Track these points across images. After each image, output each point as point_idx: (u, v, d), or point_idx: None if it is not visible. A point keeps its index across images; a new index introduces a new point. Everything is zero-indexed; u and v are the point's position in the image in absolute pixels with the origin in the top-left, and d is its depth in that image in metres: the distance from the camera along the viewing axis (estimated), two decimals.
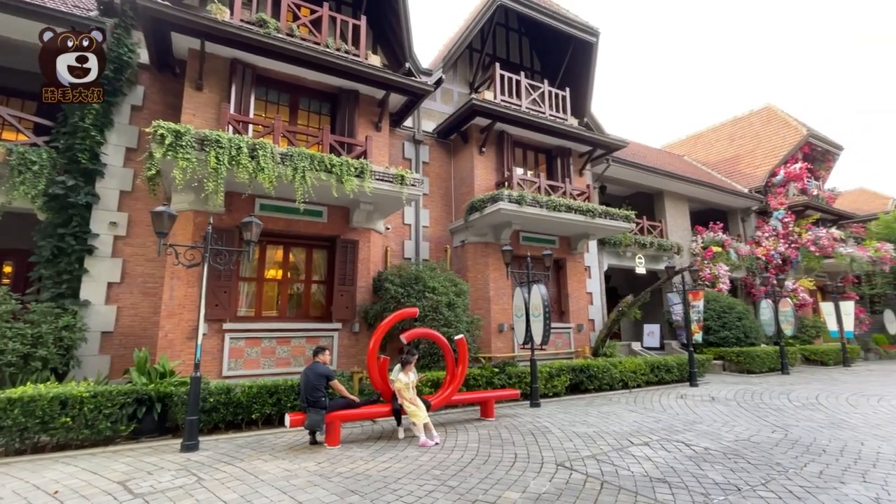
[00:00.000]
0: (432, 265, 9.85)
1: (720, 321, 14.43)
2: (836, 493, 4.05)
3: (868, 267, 19.48)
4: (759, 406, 8.33)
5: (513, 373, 8.82)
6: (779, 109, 22.48)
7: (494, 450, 5.47)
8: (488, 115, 11.21)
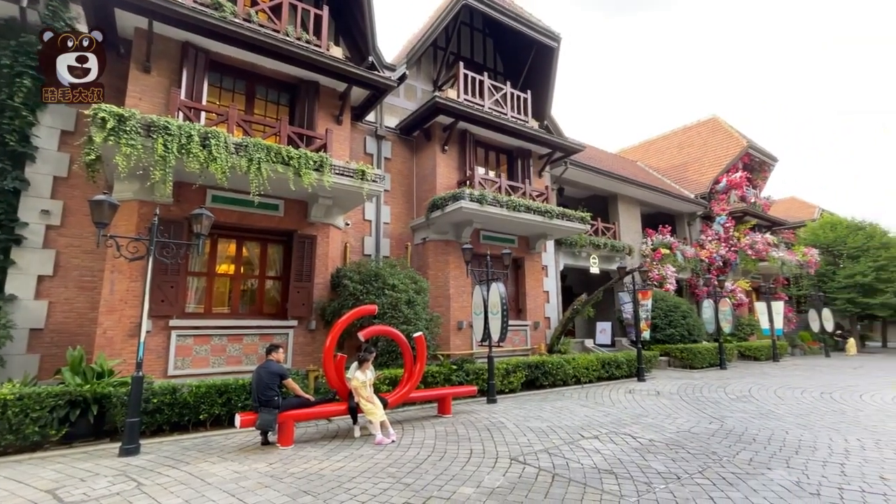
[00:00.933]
0: (393, 262, 9.79)
1: (666, 319, 15.24)
2: (763, 479, 4.39)
3: (796, 270, 21.17)
4: (699, 399, 8.87)
5: (471, 370, 8.92)
6: (723, 121, 23.98)
7: (451, 446, 5.53)
8: (451, 114, 11.25)
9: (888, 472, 4.57)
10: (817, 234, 24.36)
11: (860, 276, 21.96)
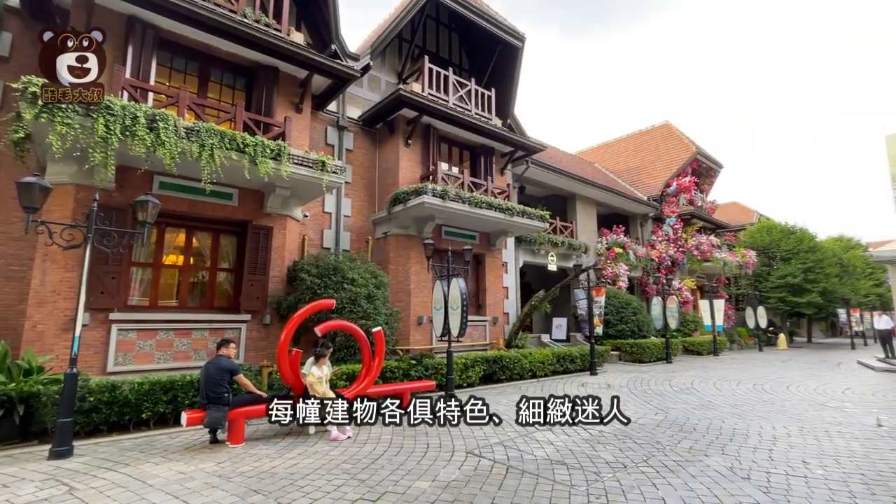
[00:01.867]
0: (352, 256, 9.64)
1: (618, 315, 15.90)
2: (701, 465, 4.68)
3: (736, 270, 22.66)
4: (646, 392, 9.33)
5: (430, 364, 8.95)
6: (675, 127, 25.21)
7: (407, 441, 5.53)
8: (416, 108, 11.17)
9: (809, 457, 4.99)
10: (755, 237, 26.14)
11: (791, 277, 23.78)
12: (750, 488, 4.06)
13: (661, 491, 3.98)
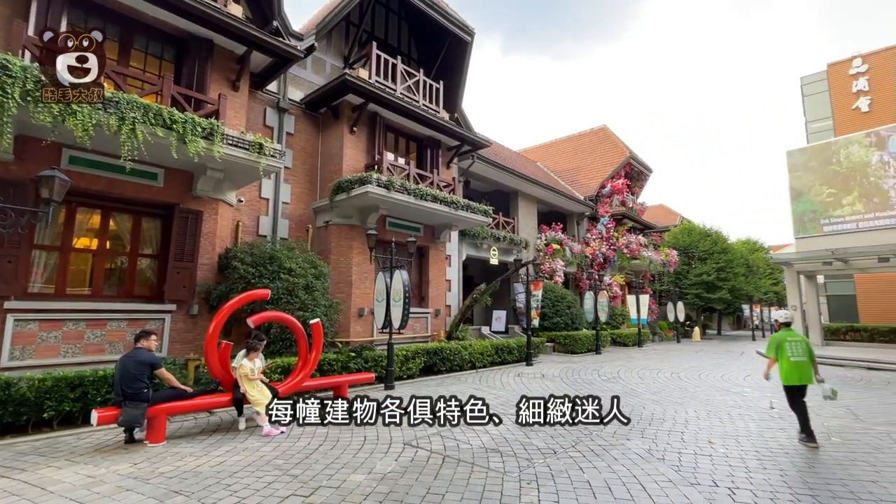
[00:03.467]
0: (291, 245, 9.26)
1: (554, 309, 16.63)
2: (623, 449, 5.03)
3: (660, 268, 24.47)
4: (577, 381, 9.86)
5: (370, 357, 8.85)
6: (611, 131, 26.62)
7: (344, 434, 5.45)
8: (362, 94, 10.89)
9: (715, 438, 5.54)
10: (677, 238, 28.39)
11: (706, 275, 26.13)
12: (664, 468, 4.44)
13: (587, 474, 4.23)
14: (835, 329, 23.07)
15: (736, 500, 3.70)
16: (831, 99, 28.14)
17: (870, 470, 4.46)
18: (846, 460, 4.75)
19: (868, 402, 7.88)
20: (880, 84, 26.18)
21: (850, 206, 17.53)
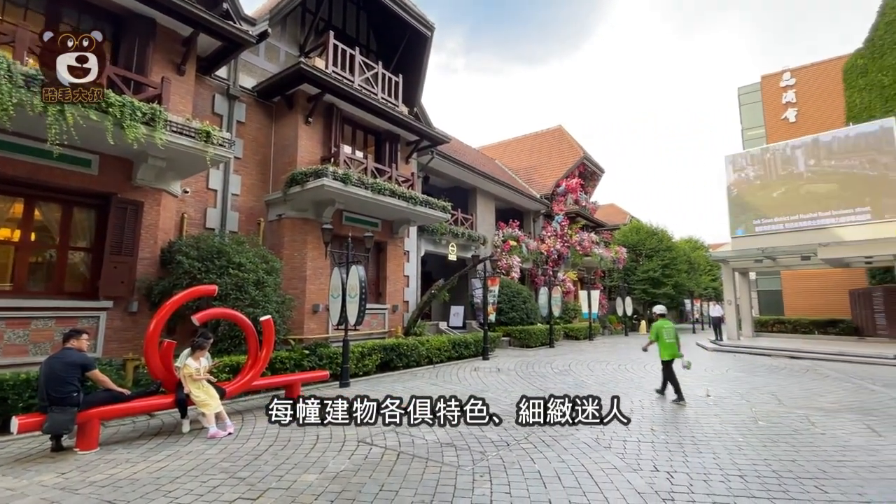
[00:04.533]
0: (241, 238, 8.89)
1: (510, 304, 16.97)
2: (572, 439, 5.22)
3: (610, 265, 25.54)
4: (530, 374, 10.12)
5: (324, 354, 8.67)
6: (566, 131, 27.41)
7: (295, 433, 5.31)
8: (318, 84, 10.58)
9: (656, 425, 5.87)
10: (627, 236, 29.73)
11: (652, 272, 27.56)
12: (610, 455, 4.65)
13: (538, 464, 4.36)
14: (764, 321, 25.02)
15: (673, 483, 3.94)
16: (764, 109, 30.35)
17: (790, 450, 4.88)
18: (770, 442, 5.17)
19: (790, 388, 8.62)
20: (806, 97, 28.51)
21: (778, 208, 19.04)
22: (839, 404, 7.20)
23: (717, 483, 3.96)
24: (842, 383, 9.24)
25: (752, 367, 11.64)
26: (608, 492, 3.74)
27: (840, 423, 5.99)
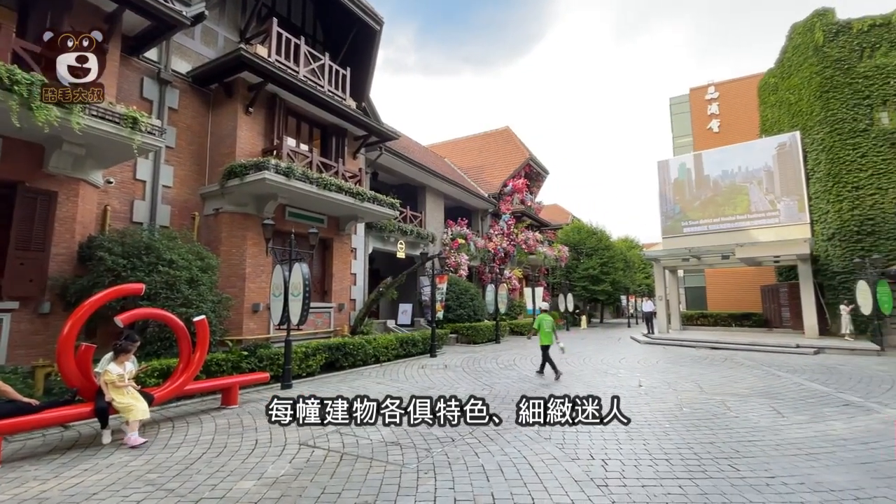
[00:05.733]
0: (173, 234, 8.31)
1: (458, 301, 17.16)
2: (515, 432, 5.37)
3: (553, 263, 26.54)
4: (477, 370, 10.30)
5: (265, 355, 8.32)
6: (514, 133, 28.10)
7: (233, 439, 5.06)
8: (260, 73, 10.09)
9: None
10: (569, 235, 31.01)
11: (591, 269, 28.95)
12: (550, 446, 4.84)
13: (482, 458, 4.46)
14: (690, 315, 27.09)
15: (607, 470, 4.18)
16: (692, 119, 32.79)
17: (709, 433, 5.33)
18: (692, 427, 5.62)
19: (710, 377, 9.40)
20: (728, 109, 31.14)
21: (702, 211, 20.68)
22: (751, 390, 7.95)
23: (646, 467, 4.25)
24: (753, 371, 10.21)
25: (679, 358, 12.58)
26: (547, 481, 3.89)
27: (751, 407, 6.62)
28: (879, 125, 16.52)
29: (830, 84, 17.32)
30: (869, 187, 16.28)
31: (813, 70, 17.92)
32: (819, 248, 17.69)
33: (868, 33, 17.10)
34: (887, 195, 16.03)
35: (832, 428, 5.51)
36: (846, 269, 16.21)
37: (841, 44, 17.38)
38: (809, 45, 18.18)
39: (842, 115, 16.97)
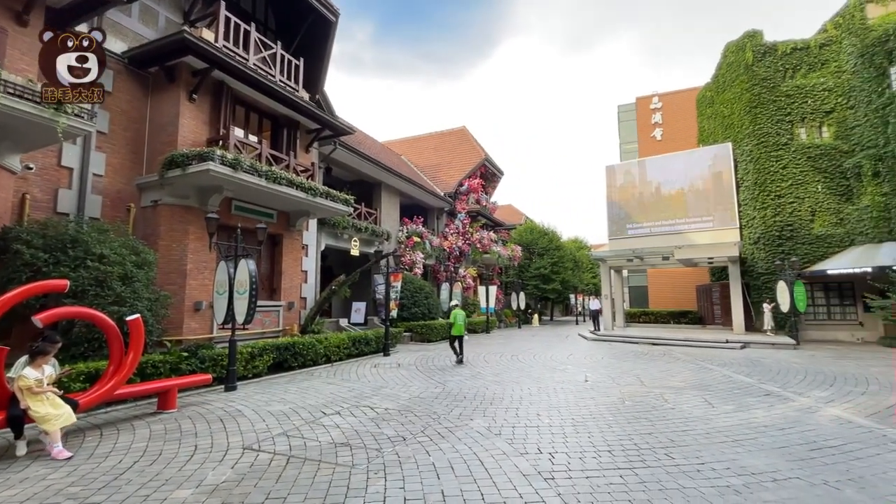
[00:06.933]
0: (104, 226, 7.69)
1: (412, 300, 17.11)
2: (466, 429, 5.44)
3: (507, 262, 27.08)
4: (430, 368, 10.32)
5: (207, 356, 7.89)
6: (469, 133, 28.37)
7: (169, 445, 4.76)
8: (205, 58, 9.54)
9: (542, 410, 6.36)
10: (522, 235, 31.77)
11: (543, 269, 29.83)
12: (500, 442, 4.93)
13: (433, 456, 4.46)
14: (633, 313, 28.56)
15: (554, 463, 4.31)
16: (637, 126, 34.55)
17: (648, 425, 5.64)
18: (633, 419, 5.92)
19: (650, 371, 9.95)
20: (670, 119, 33.07)
21: (645, 214, 21.86)
22: (685, 383, 8.50)
23: (591, 459, 4.42)
24: (688, 364, 10.92)
25: (622, 354, 13.22)
26: (497, 476, 3.96)
27: (686, 399, 7.08)
28: (798, 140, 18.19)
29: (758, 100, 18.85)
30: (789, 196, 17.90)
31: (743, 87, 19.42)
32: (746, 250, 19.20)
33: (790, 55, 18.76)
34: (804, 204, 17.71)
35: (754, 416, 6.00)
36: (768, 271, 17.73)
37: (767, 64, 18.96)
38: (741, 63, 19.68)
39: (767, 129, 18.53)
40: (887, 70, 15.93)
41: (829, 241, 17.16)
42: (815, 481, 3.85)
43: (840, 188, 17.33)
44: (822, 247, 17.20)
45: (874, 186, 16.03)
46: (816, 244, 17.32)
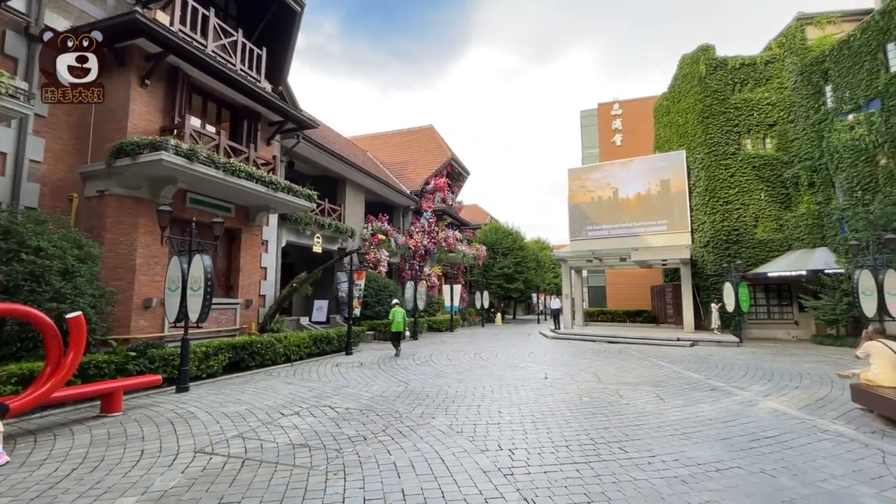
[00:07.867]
0: (41, 217, 7.16)
1: (376, 298, 16.94)
2: (428, 427, 5.44)
3: (472, 261, 27.30)
4: (393, 367, 10.25)
5: (158, 356, 7.51)
6: (437, 131, 28.36)
7: (113, 451, 4.49)
8: (159, 42, 9.04)
9: (503, 407, 6.46)
10: (487, 235, 32.11)
11: (506, 268, 30.28)
12: (461, 440, 4.97)
13: (394, 455, 4.44)
14: (592, 312, 29.50)
15: (514, 459, 4.39)
16: (599, 131, 35.66)
17: (604, 420, 5.84)
18: (590, 414, 6.12)
19: (607, 368, 10.31)
20: (629, 126, 34.33)
21: (604, 217, 22.62)
22: (639, 379, 8.87)
23: (549, 454, 4.53)
24: (642, 361, 11.40)
25: (581, 352, 13.63)
26: (457, 474, 3.99)
27: (639, 395, 7.39)
28: (745, 150, 19.37)
29: (710, 111, 19.91)
30: (736, 203, 19.03)
31: (696, 97, 20.46)
32: (697, 253, 20.25)
33: (739, 70, 19.93)
34: (748, 210, 18.88)
35: (701, 410, 6.34)
36: (716, 273, 18.79)
37: (719, 77, 20.06)
38: (695, 75, 20.71)
39: (717, 139, 19.61)
40: (823, 88, 17.23)
41: (770, 245, 18.38)
42: (754, 469, 4.11)
43: (780, 196, 18.60)
44: (764, 251, 18.40)
45: (810, 196, 17.33)
46: (759, 248, 18.52)
